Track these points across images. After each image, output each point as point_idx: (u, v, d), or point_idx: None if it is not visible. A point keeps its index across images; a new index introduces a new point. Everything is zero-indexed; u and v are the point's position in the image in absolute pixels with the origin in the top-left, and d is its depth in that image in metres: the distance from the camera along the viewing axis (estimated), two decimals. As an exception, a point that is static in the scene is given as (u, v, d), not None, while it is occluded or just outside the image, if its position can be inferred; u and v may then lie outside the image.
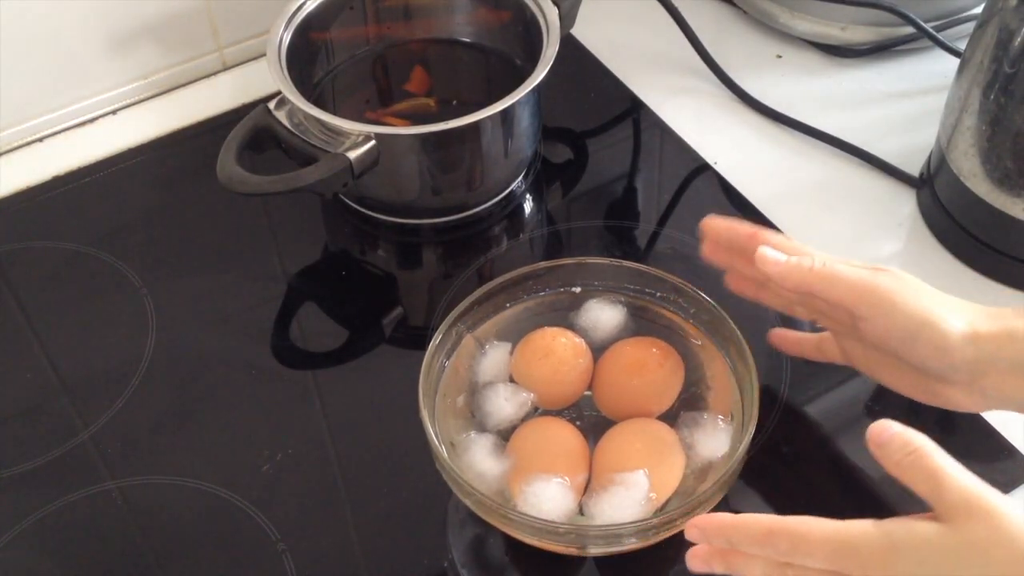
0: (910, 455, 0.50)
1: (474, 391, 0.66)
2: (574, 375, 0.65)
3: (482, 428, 0.64)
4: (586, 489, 0.61)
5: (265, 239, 0.86)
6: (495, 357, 0.67)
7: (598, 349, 0.67)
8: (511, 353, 0.67)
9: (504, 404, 0.64)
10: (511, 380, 0.66)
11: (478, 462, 0.62)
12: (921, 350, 0.56)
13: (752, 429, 0.60)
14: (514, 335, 0.68)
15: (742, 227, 0.63)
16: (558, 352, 0.65)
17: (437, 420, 0.64)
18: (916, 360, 0.56)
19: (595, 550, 0.61)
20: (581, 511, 0.60)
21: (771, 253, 0.58)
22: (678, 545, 0.59)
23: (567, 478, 0.61)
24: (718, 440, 0.63)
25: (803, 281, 0.58)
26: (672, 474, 0.61)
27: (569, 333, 0.67)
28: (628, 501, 0.59)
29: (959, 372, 0.56)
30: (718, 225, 0.64)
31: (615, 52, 0.98)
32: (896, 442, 0.50)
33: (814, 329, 0.67)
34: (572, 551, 0.60)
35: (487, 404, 0.64)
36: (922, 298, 0.56)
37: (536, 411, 0.66)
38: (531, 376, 0.65)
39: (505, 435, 0.64)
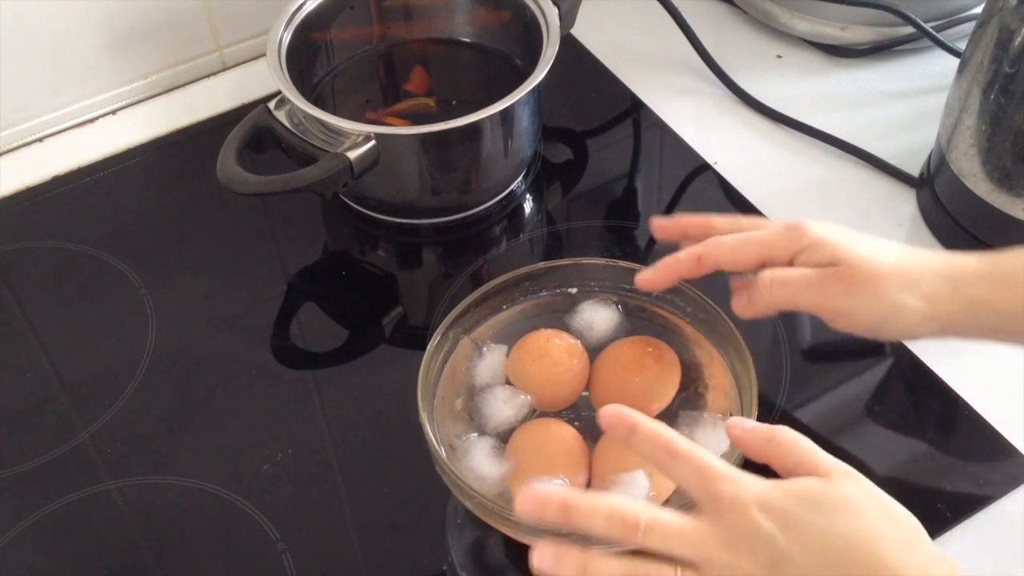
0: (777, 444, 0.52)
1: (472, 394, 0.66)
2: (569, 376, 0.65)
3: (481, 431, 0.64)
4: (587, 490, 0.61)
5: (265, 239, 0.86)
6: (492, 360, 0.67)
7: (594, 350, 0.67)
8: (507, 355, 0.67)
9: (503, 407, 0.64)
10: (507, 382, 0.66)
11: (477, 464, 0.62)
12: (889, 333, 0.60)
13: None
14: (511, 337, 0.68)
15: (691, 220, 0.63)
16: (552, 353, 0.65)
17: (436, 422, 0.63)
18: (884, 338, 0.61)
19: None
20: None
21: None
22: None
23: (567, 479, 0.60)
24: (717, 438, 0.63)
25: (771, 304, 0.59)
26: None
27: (564, 334, 0.67)
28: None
29: (925, 335, 0.59)
30: (667, 224, 0.64)
31: (615, 52, 0.98)
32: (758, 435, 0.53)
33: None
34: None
35: (485, 407, 0.64)
36: (878, 293, 0.57)
37: (534, 413, 0.66)
38: (526, 378, 0.65)
39: (504, 437, 0.64)
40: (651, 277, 0.62)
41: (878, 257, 0.58)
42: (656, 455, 0.51)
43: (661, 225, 0.64)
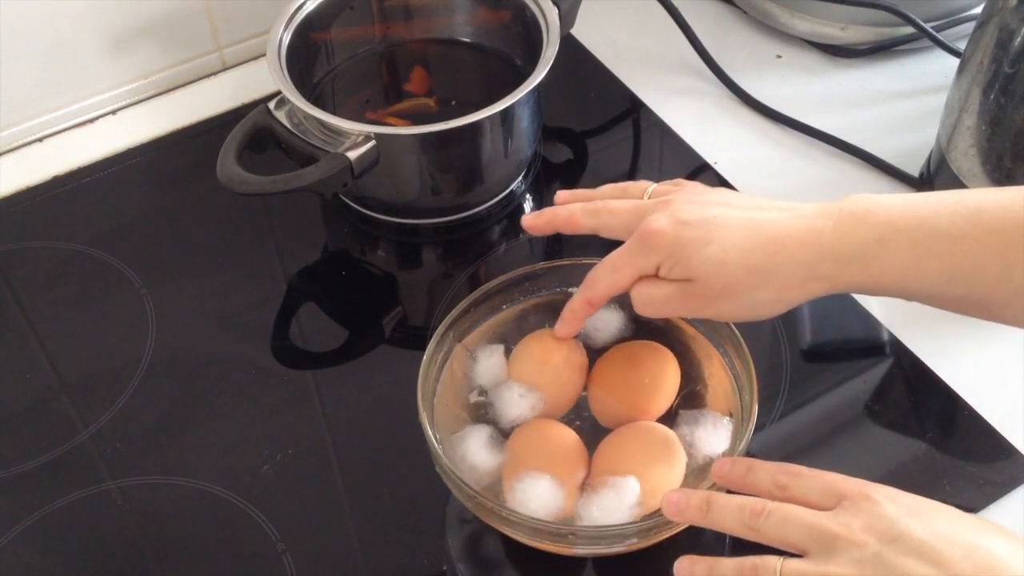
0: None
1: (480, 392, 0.65)
2: (575, 375, 0.65)
3: (495, 425, 0.64)
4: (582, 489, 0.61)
5: (265, 239, 0.86)
6: (489, 361, 0.66)
7: (597, 352, 0.67)
8: (505, 355, 0.66)
9: (519, 400, 0.63)
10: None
11: (471, 454, 0.61)
12: (763, 317, 0.59)
13: (751, 428, 0.60)
14: (511, 337, 0.67)
15: (558, 218, 0.64)
16: (556, 357, 0.65)
17: (436, 423, 0.63)
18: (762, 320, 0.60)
19: (585, 550, 0.61)
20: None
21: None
22: (677, 545, 0.59)
23: (559, 477, 0.60)
24: (718, 436, 0.63)
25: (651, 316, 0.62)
26: (672, 475, 0.61)
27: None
28: (617, 504, 0.59)
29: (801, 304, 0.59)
30: (536, 223, 0.65)
31: (615, 52, 0.98)
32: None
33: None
34: (566, 551, 0.60)
35: (500, 402, 0.64)
36: (735, 299, 0.57)
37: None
38: (531, 377, 0.65)
39: (507, 432, 0.64)
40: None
41: (726, 263, 0.56)
42: (772, 492, 0.54)
43: (532, 225, 0.66)
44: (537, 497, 0.59)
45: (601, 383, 0.65)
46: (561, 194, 0.67)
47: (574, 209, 0.64)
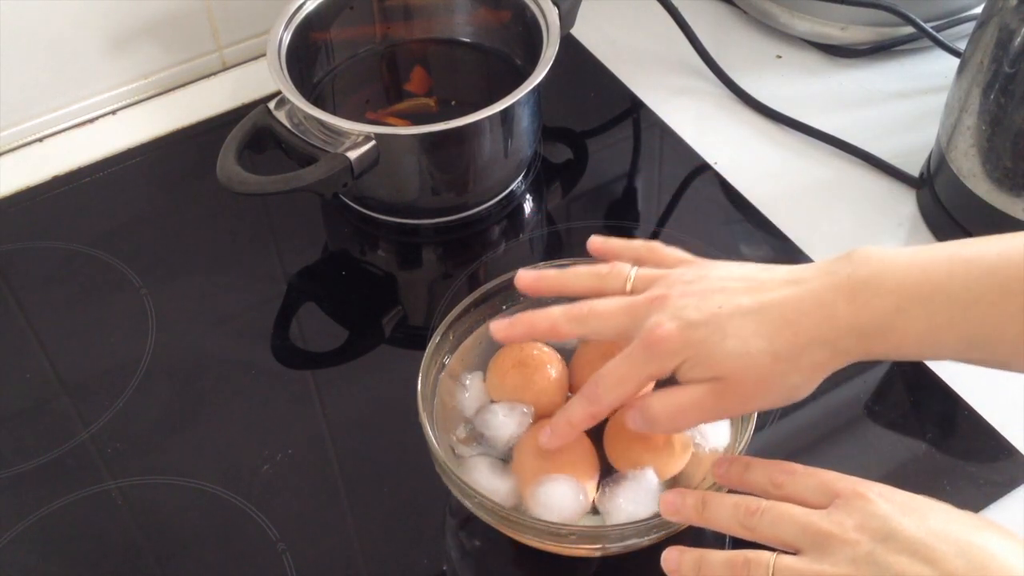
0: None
1: (468, 423, 0.64)
2: (556, 378, 0.64)
3: (490, 453, 0.63)
4: (598, 486, 0.61)
5: (265, 239, 0.86)
6: (472, 389, 0.65)
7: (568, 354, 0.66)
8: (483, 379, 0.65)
9: (504, 421, 0.62)
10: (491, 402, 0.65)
11: (481, 481, 0.60)
12: (794, 400, 0.56)
13: (751, 428, 0.60)
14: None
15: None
16: (528, 363, 0.63)
17: (437, 424, 0.63)
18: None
19: (602, 549, 0.60)
20: (595, 510, 0.60)
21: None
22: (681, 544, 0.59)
23: (577, 477, 0.60)
24: (717, 429, 0.62)
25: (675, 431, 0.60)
26: (676, 466, 0.61)
27: (538, 344, 0.65)
28: (643, 497, 0.59)
29: None
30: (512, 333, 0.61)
31: (615, 52, 0.98)
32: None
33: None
34: (580, 551, 0.60)
35: (487, 428, 0.63)
36: (770, 390, 0.55)
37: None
38: (505, 390, 0.64)
39: (506, 456, 0.63)
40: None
41: (750, 354, 0.53)
42: (768, 491, 0.54)
43: (506, 336, 0.61)
44: (561, 499, 0.59)
45: (583, 381, 0.65)
46: (523, 276, 0.62)
47: (555, 317, 0.59)
